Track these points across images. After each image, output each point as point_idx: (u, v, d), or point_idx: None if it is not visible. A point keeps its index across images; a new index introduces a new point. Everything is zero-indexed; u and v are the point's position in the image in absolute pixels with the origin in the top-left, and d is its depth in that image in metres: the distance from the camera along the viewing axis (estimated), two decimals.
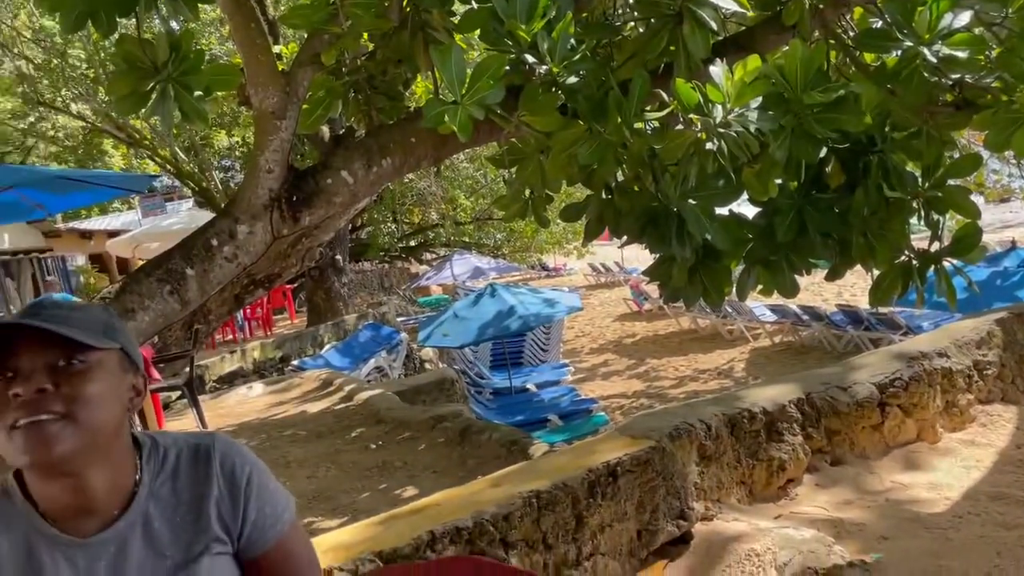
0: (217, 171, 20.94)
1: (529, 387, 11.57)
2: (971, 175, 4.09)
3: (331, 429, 6.60)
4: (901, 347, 4.91)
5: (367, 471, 5.33)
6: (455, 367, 11.17)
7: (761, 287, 3.74)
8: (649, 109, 3.37)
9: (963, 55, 3.01)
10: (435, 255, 27.98)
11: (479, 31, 3.33)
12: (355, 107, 4.27)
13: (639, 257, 22.97)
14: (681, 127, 3.12)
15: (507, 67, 3.27)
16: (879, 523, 3.42)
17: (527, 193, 4.15)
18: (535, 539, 2.72)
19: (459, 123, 3.09)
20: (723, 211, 3.61)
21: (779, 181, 3.63)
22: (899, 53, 3.20)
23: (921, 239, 3.69)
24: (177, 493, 1.16)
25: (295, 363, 11.75)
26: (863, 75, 3.47)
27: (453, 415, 6.19)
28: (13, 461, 1.03)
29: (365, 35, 3.86)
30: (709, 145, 2.98)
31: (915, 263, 3.61)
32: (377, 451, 5.77)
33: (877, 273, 3.72)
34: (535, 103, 3.31)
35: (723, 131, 2.94)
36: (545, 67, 3.25)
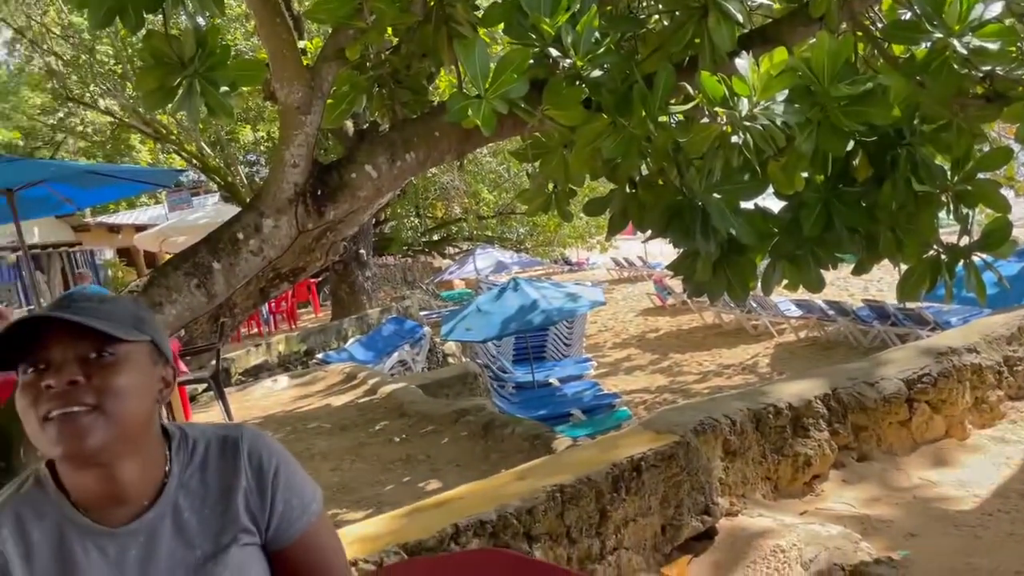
0: (242, 166, 21.10)
1: (552, 381, 11.57)
2: (1001, 168, 4.02)
3: (355, 422, 6.64)
4: (930, 342, 4.85)
5: (391, 464, 5.36)
6: (478, 361, 11.20)
7: (786, 281, 3.70)
8: (674, 102, 3.35)
9: (994, 47, 2.96)
10: (458, 249, 28.02)
11: (503, 25, 3.33)
12: (379, 101, 4.28)
13: (663, 251, 22.87)
14: (706, 120, 3.10)
15: (531, 61, 3.26)
16: (907, 520, 3.38)
17: (550, 187, 4.15)
18: (559, 533, 2.73)
19: (483, 117, 3.09)
20: (748, 205, 3.58)
21: (805, 175, 3.59)
22: (928, 45, 3.16)
23: (950, 233, 3.64)
24: (206, 484, 1.17)
25: (319, 356, 11.83)
26: (891, 67, 3.42)
27: (476, 409, 6.20)
28: (46, 452, 1.04)
29: (389, 30, 3.87)
30: (735, 138, 2.96)
31: (944, 258, 3.56)
32: (401, 444, 5.80)
33: (905, 268, 3.67)
34: (559, 97, 3.30)
35: (749, 124, 2.91)
36: (569, 61, 3.24)
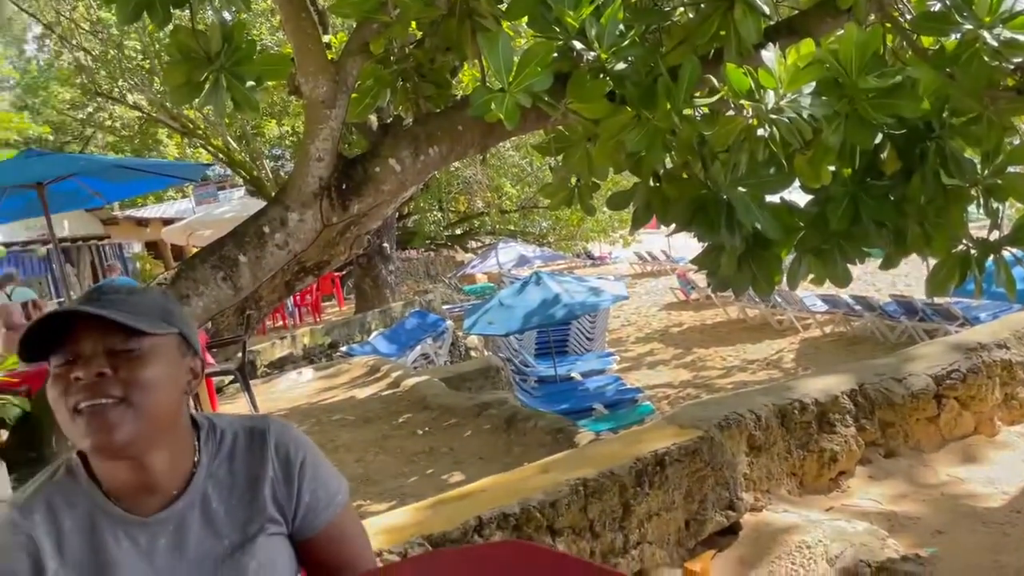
0: (268, 160, 21.25)
1: (574, 375, 11.55)
2: None
3: (378, 414, 6.68)
4: (959, 338, 4.79)
5: (414, 456, 5.39)
6: (500, 355, 11.20)
7: (812, 276, 3.67)
8: (699, 95, 3.32)
9: None
10: (480, 243, 28.04)
11: (527, 18, 3.32)
12: (403, 95, 4.30)
13: (687, 246, 22.74)
14: (732, 113, 3.07)
15: (555, 54, 3.25)
16: (934, 517, 3.35)
17: (573, 181, 4.14)
18: (582, 526, 2.73)
19: (506, 111, 3.09)
20: (774, 199, 3.55)
21: (832, 168, 3.55)
22: (958, 36, 3.10)
23: (980, 228, 3.58)
24: (233, 474, 1.18)
25: (343, 349, 11.90)
26: (921, 59, 3.37)
27: (499, 402, 6.22)
28: (77, 443, 1.05)
29: (413, 23, 3.88)
30: (760, 131, 2.93)
31: (973, 252, 3.50)
32: (424, 437, 5.82)
33: (934, 262, 3.63)
34: (583, 90, 3.29)
35: (775, 117, 2.88)
36: (593, 53, 3.23)
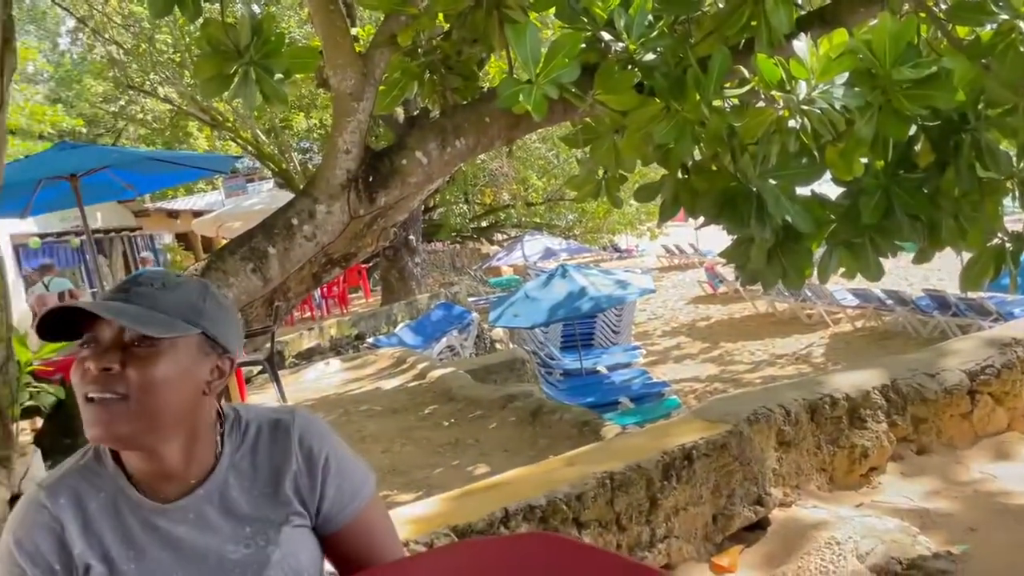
0: (296, 153, 21.42)
1: (600, 369, 11.52)
2: None
3: (405, 406, 6.72)
4: (993, 333, 4.71)
5: (440, 447, 5.42)
6: (525, 347, 11.21)
7: (844, 270, 3.62)
8: (729, 86, 3.28)
9: None
10: (506, 236, 28.04)
11: (554, 9, 3.30)
12: (430, 88, 4.29)
13: (714, 239, 22.59)
14: (762, 104, 3.04)
15: (583, 45, 3.23)
16: (967, 514, 3.30)
17: (600, 173, 4.11)
18: (608, 520, 2.72)
19: (533, 102, 3.08)
20: (804, 191, 3.50)
21: (865, 160, 3.50)
22: (994, 26, 3.04)
23: (1015, 221, 3.52)
24: (256, 466, 1.18)
25: (370, 341, 11.97)
26: (956, 49, 3.31)
27: (524, 395, 6.22)
28: (85, 432, 1.06)
29: (441, 15, 3.87)
30: (792, 123, 2.89)
31: (1009, 246, 3.44)
32: (449, 428, 5.85)
33: (968, 256, 3.56)
34: (611, 81, 3.26)
35: (807, 108, 2.84)
36: (622, 44, 3.20)
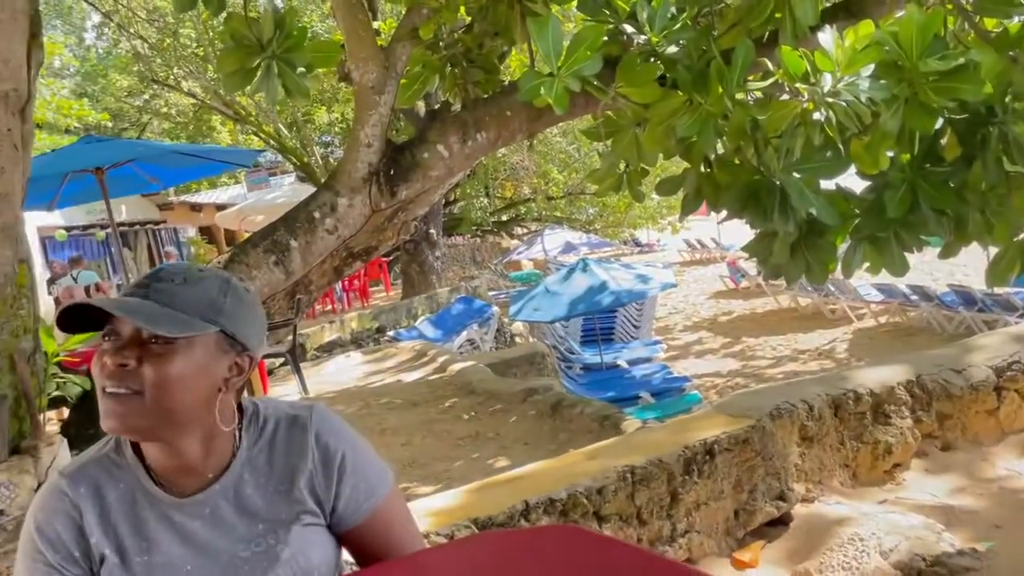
0: (318, 147, 21.53)
1: (620, 363, 11.50)
2: None
3: (425, 398, 6.74)
4: (1020, 329, 4.65)
5: (460, 440, 5.43)
6: (545, 341, 11.20)
7: (868, 264, 3.59)
8: (752, 79, 3.26)
9: None
10: (527, 230, 28.03)
11: (576, 2, 3.29)
12: (451, 81, 4.30)
13: (737, 233, 22.45)
14: (787, 97, 3.01)
15: (605, 37, 3.22)
16: (992, 511, 3.26)
17: (622, 166, 4.10)
18: (629, 513, 2.72)
19: (555, 96, 3.07)
20: (829, 185, 3.47)
21: (890, 154, 3.46)
22: (1022, 18, 3.00)
23: None
24: (272, 462, 1.18)
25: (391, 334, 12.02)
26: (983, 42, 3.27)
27: (544, 388, 6.22)
28: (101, 423, 1.07)
29: (462, 8, 3.87)
30: (816, 115, 2.87)
31: None
32: (469, 421, 5.86)
33: (995, 251, 3.52)
34: (633, 74, 3.25)
35: (832, 100, 2.82)
36: (644, 37, 3.19)
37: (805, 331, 14.40)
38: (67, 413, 4.47)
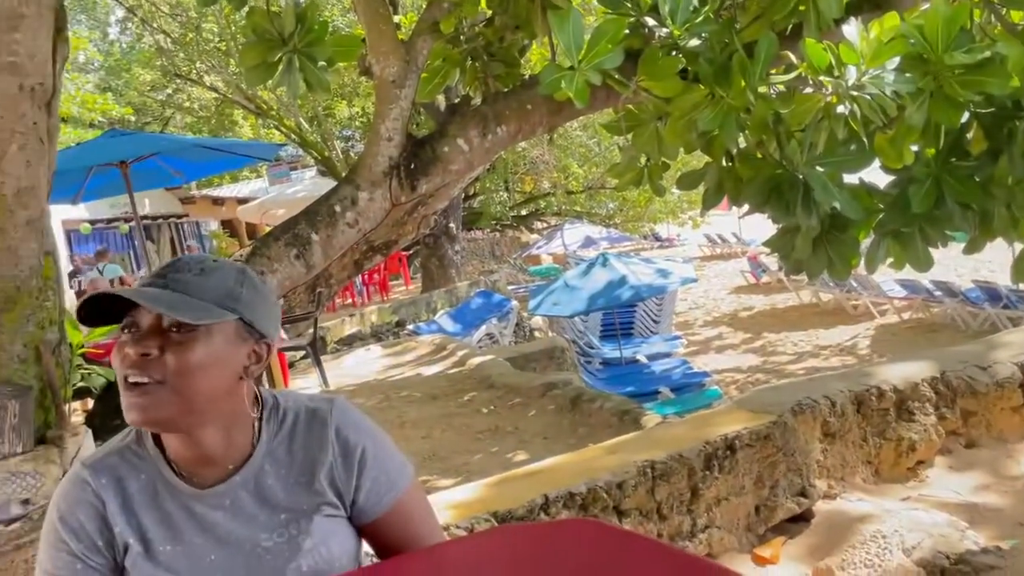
0: (338, 141, 21.60)
1: (639, 358, 11.45)
2: None
3: (444, 392, 6.75)
4: None
5: (479, 434, 5.44)
6: (565, 336, 11.19)
7: (892, 260, 3.55)
8: (775, 72, 3.23)
9: None
10: (546, 224, 27.98)
11: None
12: (472, 75, 4.30)
13: (758, 228, 22.28)
14: (810, 90, 2.98)
15: (626, 31, 3.20)
16: (1016, 509, 3.23)
17: (642, 161, 4.08)
18: (649, 508, 2.71)
19: (576, 89, 3.06)
20: (852, 179, 3.44)
21: (915, 148, 3.42)
22: None
23: None
24: (292, 454, 1.18)
25: (410, 327, 12.06)
26: (1010, 35, 3.21)
27: (564, 383, 6.21)
28: (124, 415, 1.07)
29: (483, 2, 3.87)
30: (841, 109, 2.84)
31: None
32: (489, 415, 5.87)
33: (1020, 247, 3.47)
34: (654, 67, 3.23)
35: (856, 94, 2.79)
36: (666, 30, 3.17)
37: (826, 327, 14.28)
38: (91, 404, 4.52)
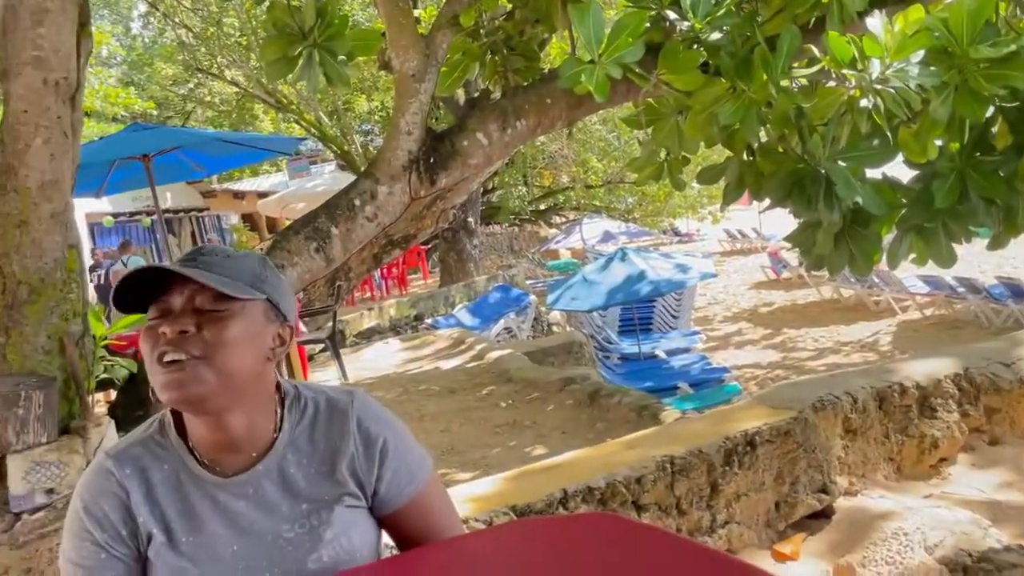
0: (358, 135, 21.68)
1: (658, 353, 11.41)
2: None
3: (463, 386, 6.77)
4: None
5: (497, 428, 5.45)
6: (583, 331, 11.17)
7: (914, 255, 3.51)
8: (797, 65, 3.20)
9: None
10: (565, 219, 27.94)
11: None
12: (491, 69, 4.30)
13: (778, 223, 22.12)
14: (833, 84, 2.96)
15: (647, 24, 3.18)
16: None
17: (662, 155, 4.06)
18: (668, 504, 2.71)
19: (596, 83, 3.05)
20: (875, 174, 3.41)
21: (939, 142, 3.38)
22: None
23: None
24: (314, 444, 1.19)
25: (428, 321, 12.08)
26: None
27: (582, 378, 6.21)
28: (158, 394, 1.09)
29: None
30: (864, 102, 2.81)
31: None
32: (507, 409, 5.88)
33: None
34: (676, 61, 3.22)
35: (880, 87, 2.76)
36: (687, 23, 3.15)
37: (847, 323, 14.16)
38: (114, 395, 4.58)
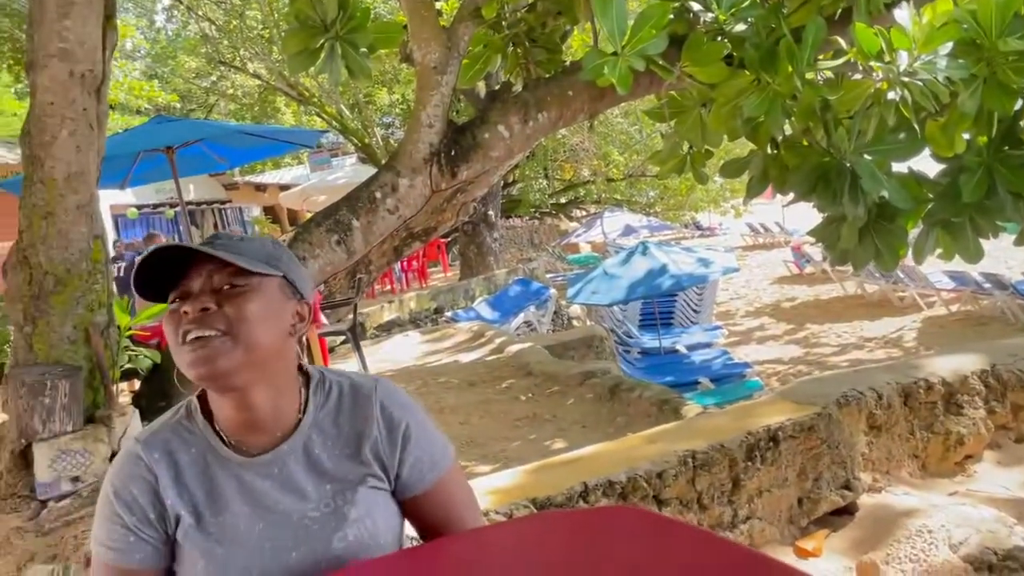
0: (379, 128, 21.73)
1: (679, 348, 11.36)
2: None
3: (483, 379, 6.77)
4: None
5: (517, 421, 5.45)
6: (603, 325, 11.14)
7: (941, 251, 3.47)
8: (823, 58, 3.17)
9: None
10: (585, 212, 27.86)
11: None
12: (513, 61, 4.28)
13: (801, 217, 21.91)
14: (859, 76, 2.92)
15: (670, 16, 3.16)
16: None
17: (685, 148, 4.04)
18: (689, 498, 2.69)
19: (618, 75, 3.03)
20: (901, 168, 3.36)
21: (967, 136, 3.33)
22: None
23: None
24: (339, 426, 1.21)
25: (448, 314, 12.11)
26: None
27: (602, 371, 6.19)
28: (186, 373, 1.12)
29: None
30: (891, 95, 2.77)
31: None
32: (527, 403, 5.87)
33: None
34: (699, 53, 3.19)
35: (907, 80, 2.72)
36: (711, 15, 3.12)
37: (872, 319, 14.01)
38: (138, 385, 4.63)
